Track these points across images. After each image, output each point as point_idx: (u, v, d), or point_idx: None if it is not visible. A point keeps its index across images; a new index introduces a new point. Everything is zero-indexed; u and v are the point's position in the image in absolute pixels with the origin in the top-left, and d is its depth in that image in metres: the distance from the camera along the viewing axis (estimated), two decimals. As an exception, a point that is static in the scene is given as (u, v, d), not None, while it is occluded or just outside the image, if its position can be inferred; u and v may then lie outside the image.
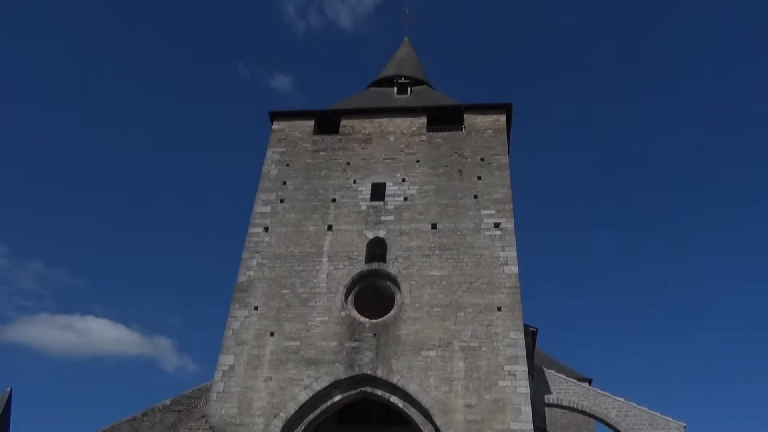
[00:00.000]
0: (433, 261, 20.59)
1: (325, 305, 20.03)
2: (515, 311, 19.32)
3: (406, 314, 19.56)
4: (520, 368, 18.23)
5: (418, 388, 18.15)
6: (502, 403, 17.67)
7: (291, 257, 21.22)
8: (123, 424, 24.56)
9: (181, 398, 24.76)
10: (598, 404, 26.89)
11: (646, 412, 26.34)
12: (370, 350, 18.95)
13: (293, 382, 18.65)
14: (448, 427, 17.42)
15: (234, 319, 20.06)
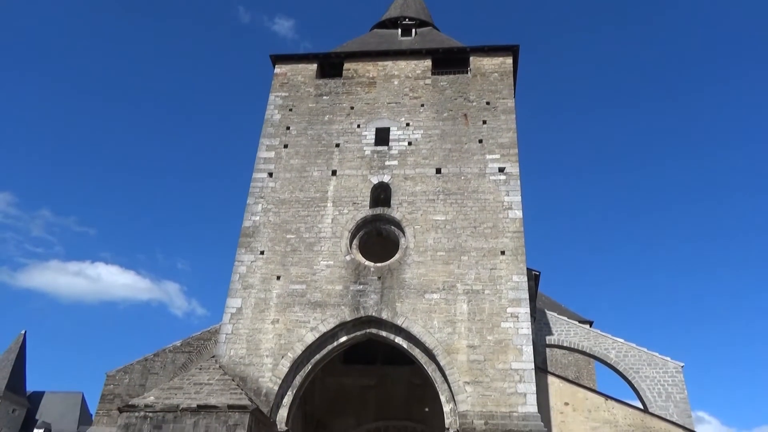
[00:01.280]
0: (438, 206, 20.65)
1: (330, 250, 20.25)
2: (518, 255, 19.50)
3: (411, 258, 19.77)
4: (522, 310, 18.55)
5: (422, 329, 18.54)
6: (504, 343, 18.07)
7: (295, 202, 21.32)
8: (135, 364, 25.37)
9: (191, 340, 25.48)
10: (599, 345, 27.51)
11: (645, 353, 26.95)
12: (375, 293, 19.27)
13: (300, 324, 19.07)
14: (452, 366, 17.89)
15: (240, 263, 20.34)
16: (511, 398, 17.28)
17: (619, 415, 21.65)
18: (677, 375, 26.36)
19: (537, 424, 16.80)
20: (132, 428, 16.74)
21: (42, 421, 56.89)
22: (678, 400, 25.74)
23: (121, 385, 24.81)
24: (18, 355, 58.99)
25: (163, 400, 17.23)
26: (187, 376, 18.83)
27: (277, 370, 18.41)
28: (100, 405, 25.02)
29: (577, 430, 21.49)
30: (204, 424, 16.54)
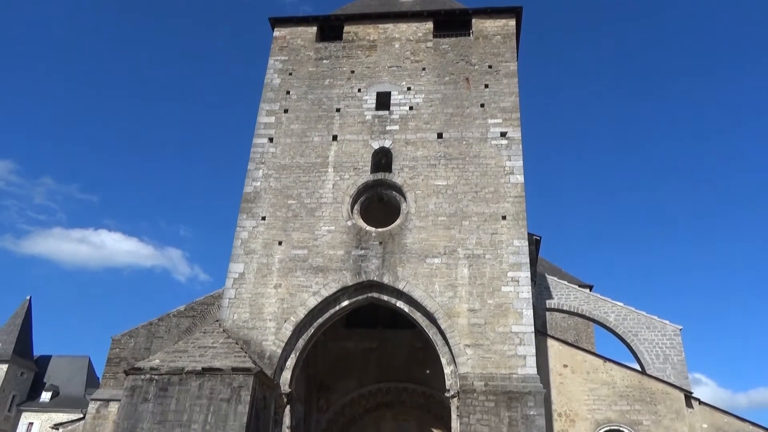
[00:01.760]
0: (439, 171, 20.59)
1: (331, 215, 20.28)
2: (520, 220, 19.53)
3: (412, 223, 19.82)
4: (523, 274, 18.68)
5: (424, 293, 18.71)
6: (504, 307, 18.25)
7: (296, 168, 21.26)
8: (140, 328, 25.70)
9: (195, 305, 25.74)
10: (598, 309, 27.77)
11: (644, 316, 27.22)
12: (377, 258, 19.38)
13: (302, 289, 19.24)
14: (452, 330, 18.12)
15: (242, 229, 20.41)
16: (511, 360, 17.54)
17: (617, 377, 22.01)
18: (675, 338, 26.69)
19: (536, 386, 17.10)
20: (138, 390, 17.05)
21: (50, 384, 57.96)
22: (675, 362, 26.12)
23: (127, 349, 25.19)
24: (24, 320, 59.74)
25: (168, 363, 17.51)
26: (191, 339, 19.10)
27: (280, 334, 18.66)
28: (107, 368, 25.45)
29: (576, 392, 21.88)
30: (209, 386, 16.84)
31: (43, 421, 53.72)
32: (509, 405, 16.80)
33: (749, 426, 21.67)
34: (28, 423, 55.35)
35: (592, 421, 21.40)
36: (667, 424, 21.12)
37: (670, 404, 21.42)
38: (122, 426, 16.62)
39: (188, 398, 16.73)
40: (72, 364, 60.57)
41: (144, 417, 16.63)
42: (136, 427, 16.49)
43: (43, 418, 54.23)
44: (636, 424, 21.18)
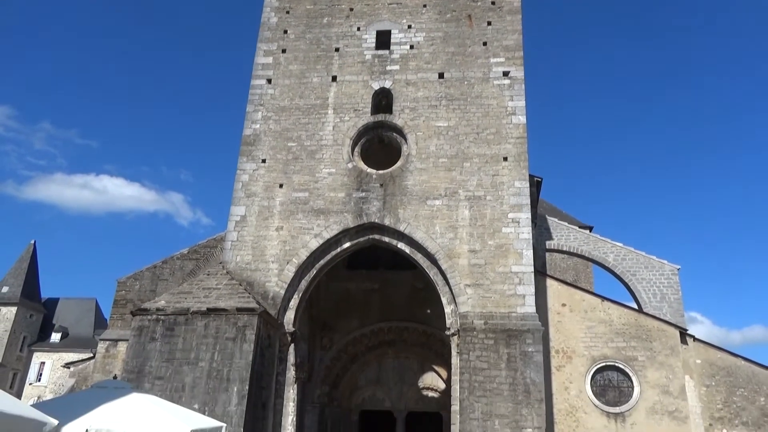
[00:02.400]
0: (440, 112, 20.34)
1: (332, 157, 20.18)
2: (521, 161, 19.43)
3: (413, 165, 19.74)
4: (523, 216, 18.74)
5: (424, 235, 18.83)
6: (504, 248, 18.41)
7: (296, 110, 20.99)
8: (145, 271, 26.07)
9: (198, 247, 26.02)
10: (597, 249, 28.06)
11: (642, 256, 27.53)
12: (378, 200, 19.40)
13: (304, 231, 19.36)
14: (453, 270, 18.34)
15: (243, 172, 20.35)
16: (511, 300, 17.84)
17: (614, 315, 22.45)
18: (673, 277, 27.08)
19: (535, 324, 17.46)
20: (146, 330, 17.44)
21: (59, 325, 59.32)
22: (672, 300, 26.60)
23: (132, 291, 25.62)
24: (30, 264, 60.53)
25: (173, 304, 17.83)
26: (195, 281, 19.38)
27: (283, 275, 18.91)
28: (114, 310, 25.96)
29: (573, 329, 22.37)
30: (214, 326, 17.21)
31: (54, 361, 55.31)
32: (508, 342, 17.20)
33: (741, 361, 22.26)
34: (40, 362, 56.99)
35: (588, 357, 21.97)
36: (661, 360, 21.69)
37: (665, 341, 21.94)
38: (131, 364, 17.09)
39: (194, 337, 17.13)
40: (79, 306, 61.79)
41: (152, 355, 17.07)
42: (145, 365, 16.96)
43: (54, 358, 55.81)
44: (631, 360, 21.76)
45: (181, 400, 14.61)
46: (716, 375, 21.88)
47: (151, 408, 7.50)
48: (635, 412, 21.02)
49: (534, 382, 16.75)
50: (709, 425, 21.28)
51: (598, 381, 21.76)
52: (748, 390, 21.52)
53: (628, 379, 21.58)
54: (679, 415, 20.95)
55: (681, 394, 21.24)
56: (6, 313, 56.49)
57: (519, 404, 16.52)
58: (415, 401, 25.55)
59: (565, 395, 21.58)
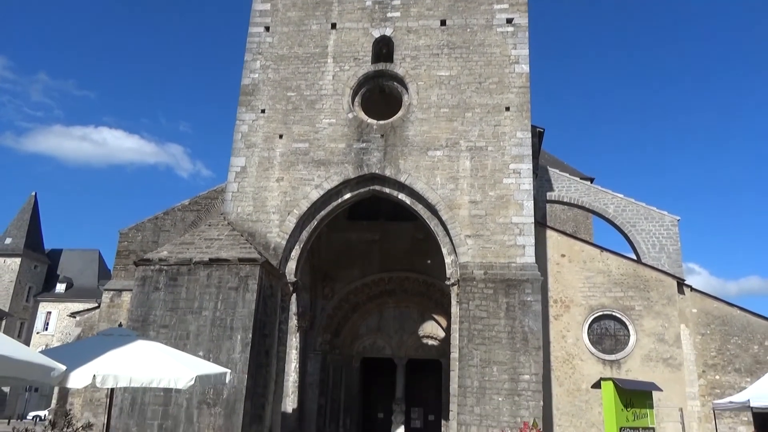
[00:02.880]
0: (442, 60, 19.96)
1: (332, 107, 19.94)
2: (524, 111, 19.21)
3: (414, 115, 19.52)
4: (524, 166, 18.66)
5: (425, 186, 18.81)
6: (505, 199, 18.41)
7: (295, 58, 20.61)
8: (147, 222, 26.17)
9: (199, 199, 26.03)
10: (598, 200, 28.06)
11: (643, 207, 27.55)
12: (378, 151, 19.28)
13: (304, 182, 19.33)
14: (454, 221, 18.40)
15: (242, 122, 20.16)
16: (510, 250, 17.96)
17: (613, 266, 22.66)
18: (672, 228, 27.18)
19: (534, 274, 17.63)
20: (149, 280, 17.64)
21: (63, 276, 60.01)
22: (671, 251, 26.78)
23: (135, 242, 25.79)
24: (32, 215, 60.74)
25: (176, 255, 17.98)
26: (197, 232, 19.48)
27: (284, 226, 18.99)
28: (117, 260, 26.19)
29: (572, 279, 22.61)
30: (217, 276, 17.40)
31: (60, 311, 56.25)
32: (507, 292, 17.42)
33: (737, 310, 22.60)
34: (46, 312, 57.96)
35: (586, 306, 22.30)
36: (658, 309, 22.02)
37: (662, 291, 22.22)
38: (136, 313, 17.37)
39: (198, 287, 17.34)
40: (83, 257, 62.35)
41: (156, 305, 17.33)
42: (150, 314, 17.24)
43: (60, 308, 56.72)
44: (628, 310, 22.09)
45: (185, 348, 14.88)
46: (711, 324, 22.25)
47: (156, 354, 7.65)
48: (630, 360, 21.48)
49: (532, 330, 17.05)
50: (702, 372, 21.79)
51: (595, 330, 22.15)
52: (742, 338, 21.93)
53: (625, 328, 21.96)
54: (674, 362, 21.42)
55: (676, 342, 21.65)
56: (10, 264, 57.06)
57: (517, 352, 16.86)
58: (416, 349, 26.09)
59: (562, 343, 22.01)
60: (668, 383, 20.01)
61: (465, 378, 16.77)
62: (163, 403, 16.29)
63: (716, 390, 21.10)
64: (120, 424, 16.22)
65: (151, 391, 15.98)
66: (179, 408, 16.24)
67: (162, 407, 16.28)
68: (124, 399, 16.39)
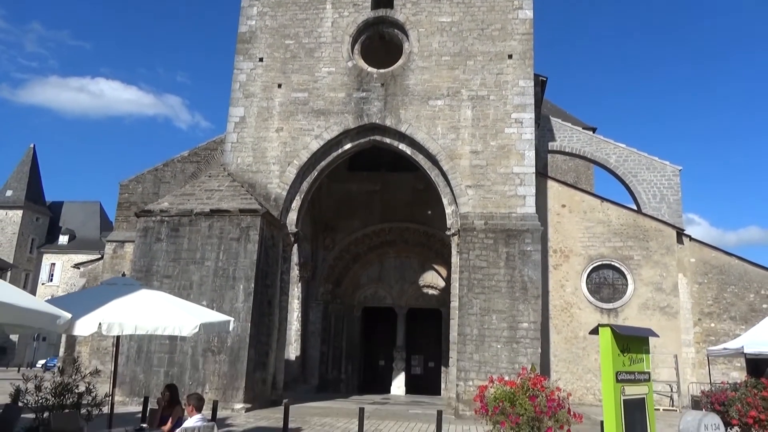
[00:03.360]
0: (443, 6, 19.44)
1: (331, 55, 19.56)
2: (526, 59, 18.84)
3: (415, 63, 19.17)
4: (527, 116, 18.45)
5: (426, 136, 18.64)
6: (507, 149, 18.28)
7: (292, 4, 20.08)
8: (147, 174, 26.12)
9: (198, 150, 25.90)
10: (600, 150, 27.87)
11: (645, 157, 27.39)
12: (378, 100, 19.03)
13: (304, 132, 19.16)
14: (454, 171, 18.32)
15: (240, 71, 19.81)
16: (511, 200, 17.96)
17: (613, 216, 22.73)
18: (674, 178, 27.11)
19: (534, 224, 17.68)
20: (151, 231, 17.72)
21: (66, 228, 60.27)
22: (671, 201, 26.78)
23: (135, 194, 25.80)
24: (31, 167, 60.54)
25: (177, 206, 18.00)
26: (197, 183, 19.45)
27: (285, 177, 18.93)
28: (118, 212, 26.27)
29: (572, 230, 22.72)
30: (218, 227, 17.46)
31: (64, 262, 56.78)
32: (507, 242, 17.52)
33: (735, 260, 22.79)
34: (51, 264, 58.52)
35: (585, 256, 22.48)
36: (657, 258, 22.20)
37: (661, 240, 22.36)
38: (139, 264, 17.52)
39: (199, 238, 17.43)
40: (84, 209, 62.46)
41: (159, 255, 17.46)
42: (153, 264, 17.39)
43: (64, 260, 57.24)
44: (627, 259, 22.28)
45: (189, 298, 15.06)
46: (709, 273, 22.48)
47: (161, 303, 7.75)
48: (627, 308, 21.82)
49: (531, 279, 17.23)
50: (698, 320, 22.15)
51: (593, 279, 22.41)
52: (739, 287, 22.20)
53: (623, 277, 22.20)
54: (670, 310, 21.75)
55: (673, 291, 21.93)
56: (12, 216, 57.25)
57: (516, 300, 17.09)
58: (416, 298, 26.45)
59: (561, 292, 22.31)
60: (664, 331, 20.39)
61: (465, 326, 17.06)
62: (168, 351, 16.64)
63: (711, 337, 21.50)
64: (127, 371, 16.61)
65: (157, 340, 16.30)
66: (185, 356, 16.60)
67: (168, 355, 16.63)
68: (130, 347, 16.73)
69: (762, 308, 21.22)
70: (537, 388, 4.93)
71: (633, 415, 5.40)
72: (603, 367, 5.26)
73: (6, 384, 11.14)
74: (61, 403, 8.59)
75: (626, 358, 5.46)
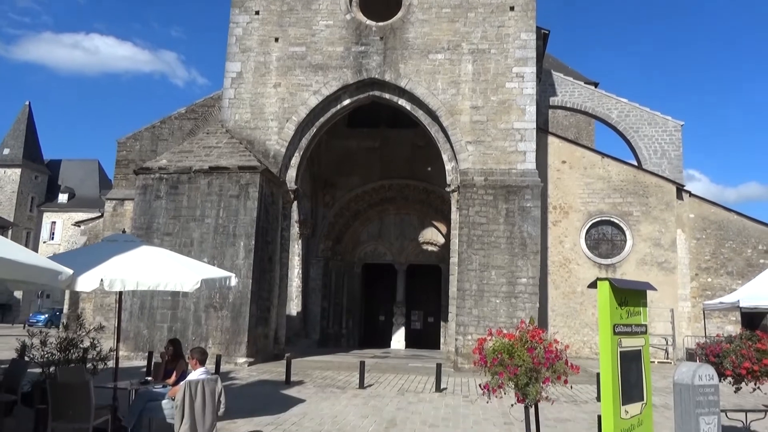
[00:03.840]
0: (444, -45, 18.88)
1: (328, 8, 19.12)
2: (529, 11, 18.43)
3: (414, 16, 18.75)
4: (528, 70, 18.17)
5: (426, 91, 18.40)
6: (507, 104, 18.07)
7: (289, -46, 19.50)
8: (144, 131, 25.90)
9: (195, 107, 25.61)
10: (602, 105, 27.55)
11: (647, 112, 27.10)
12: (378, 54, 18.70)
13: (302, 88, 18.89)
14: (455, 127, 18.16)
15: (236, 25, 19.40)
16: (511, 156, 17.86)
17: (613, 172, 22.66)
18: (675, 133, 26.88)
19: (534, 180, 17.63)
20: (150, 189, 17.68)
21: (65, 186, 60.11)
22: (672, 157, 26.63)
23: (133, 152, 25.66)
24: (28, 125, 59.94)
25: (175, 163, 17.90)
26: (195, 140, 19.30)
27: (283, 133, 18.77)
28: (117, 170, 26.17)
29: (572, 186, 22.68)
30: (218, 184, 17.42)
31: (65, 221, 56.86)
32: (507, 198, 17.51)
33: (734, 215, 22.84)
34: (51, 222, 58.60)
35: (584, 212, 22.52)
36: (656, 214, 22.25)
37: (661, 196, 22.36)
38: (139, 221, 17.55)
39: (199, 195, 17.41)
40: (82, 167, 62.16)
41: (159, 213, 17.47)
42: (153, 222, 17.42)
43: (64, 218, 57.31)
44: (626, 215, 22.33)
45: (190, 255, 15.08)
46: (707, 229, 22.56)
47: (162, 259, 7.77)
48: (625, 264, 21.98)
49: (530, 235, 17.29)
50: (695, 275, 22.35)
51: (592, 235, 22.51)
52: (737, 242, 22.31)
53: (622, 233, 22.30)
54: (668, 265, 21.92)
55: (671, 246, 22.05)
56: (11, 174, 56.99)
57: (515, 256, 17.20)
58: (416, 255, 26.63)
59: (560, 248, 22.44)
60: (661, 286, 20.59)
61: (464, 281, 17.21)
62: (171, 307, 16.84)
63: (707, 292, 21.74)
64: (131, 327, 16.84)
65: (159, 296, 16.47)
66: (187, 311, 16.81)
67: (170, 311, 16.84)
68: (133, 303, 16.92)
69: (759, 263, 21.37)
70: (535, 341, 5.00)
71: (629, 367, 5.48)
72: (600, 320, 5.31)
73: (12, 340, 11.32)
74: (66, 358, 8.74)
75: (624, 311, 5.51)
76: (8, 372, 8.72)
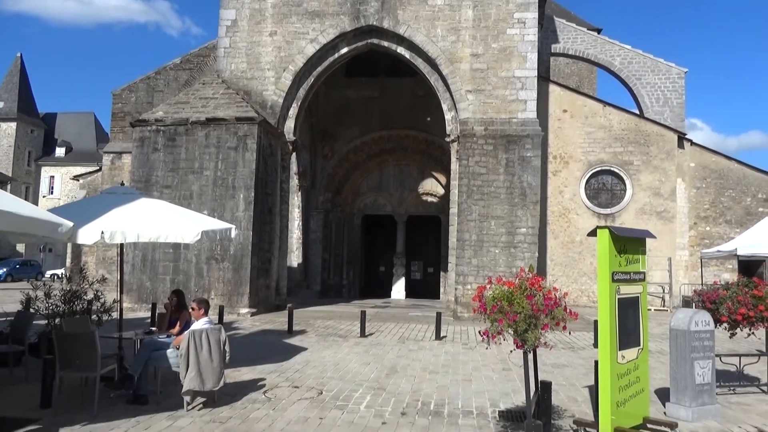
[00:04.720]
0: None
1: (325, -48, 18.49)
2: (531, -47, 17.84)
3: (413, -40, 18.15)
4: (530, 15, 17.73)
5: (425, 38, 18.01)
6: (508, 51, 17.72)
7: None
8: (139, 82, 25.48)
9: (191, 57, 25.12)
10: (604, 52, 27.04)
11: (650, 59, 26.63)
12: (376, 0, 18.21)
13: (299, 36, 18.48)
14: (454, 75, 17.86)
15: (229, -30, 18.80)
16: (512, 105, 17.64)
17: (615, 121, 22.44)
18: (678, 81, 26.50)
19: (534, 129, 17.47)
20: (147, 141, 17.53)
21: (62, 140, 59.60)
22: (674, 105, 26.33)
23: (129, 104, 25.31)
24: (21, 78, 58.93)
25: (172, 115, 17.69)
26: (191, 91, 19.01)
27: (280, 83, 18.47)
28: (113, 123, 25.89)
29: (573, 135, 22.50)
30: (215, 136, 17.26)
31: (63, 174, 56.65)
32: (507, 147, 17.38)
33: (734, 164, 22.75)
34: (50, 176, 58.39)
35: (585, 162, 22.42)
36: (656, 163, 22.16)
37: (662, 145, 22.21)
38: (138, 174, 17.48)
39: (197, 147, 17.28)
40: (78, 120, 61.47)
41: (157, 165, 17.38)
42: (152, 175, 17.35)
43: (62, 172, 57.06)
44: (627, 165, 22.24)
45: (190, 207, 15.05)
46: (708, 177, 22.51)
47: (162, 211, 7.75)
48: (624, 213, 22.04)
49: (530, 185, 17.26)
50: (694, 224, 22.44)
51: (592, 185, 22.47)
52: (737, 191, 22.31)
53: (622, 183, 22.26)
54: (667, 215, 21.98)
55: (671, 195, 22.05)
56: (6, 128, 56.38)
57: (515, 206, 17.21)
58: (415, 206, 26.65)
59: (560, 198, 22.45)
60: (660, 235, 20.68)
61: (464, 232, 17.28)
62: (173, 260, 16.96)
63: (705, 240, 21.87)
64: (134, 279, 17.01)
65: (161, 248, 16.57)
66: (189, 264, 16.94)
67: (172, 263, 16.97)
68: (135, 256, 17.04)
69: (758, 211, 21.43)
70: (534, 288, 5.03)
71: (626, 313, 5.55)
72: (599, 267, 5.35)
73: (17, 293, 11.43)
74: (71, 309, 8.85)
75: (623, 258, 5.54)
76: (14, 324, 8.85)
